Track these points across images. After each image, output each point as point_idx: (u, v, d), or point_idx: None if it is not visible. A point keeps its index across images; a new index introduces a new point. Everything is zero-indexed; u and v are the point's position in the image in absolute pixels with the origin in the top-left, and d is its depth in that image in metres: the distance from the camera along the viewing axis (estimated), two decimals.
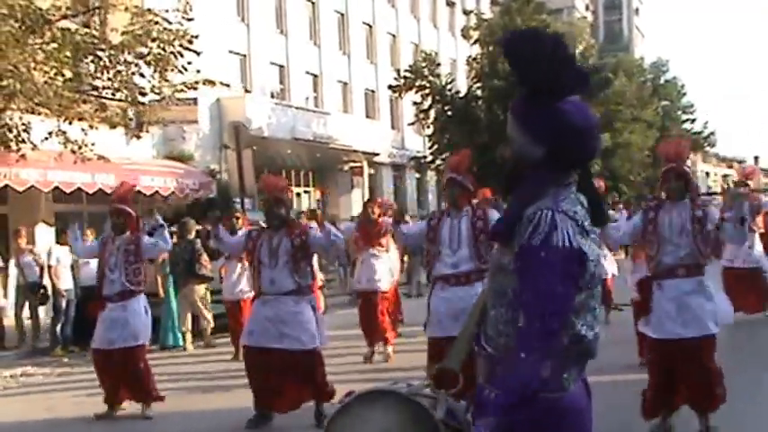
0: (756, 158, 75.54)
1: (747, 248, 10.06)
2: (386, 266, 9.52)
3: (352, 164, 28.82)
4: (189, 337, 11.52)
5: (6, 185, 14.00)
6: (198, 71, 13.18)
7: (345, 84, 30.30)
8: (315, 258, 11.03)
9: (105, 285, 7.19)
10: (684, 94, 45.60)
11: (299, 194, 27.06)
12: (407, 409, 2.22)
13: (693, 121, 45.10)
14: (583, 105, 2.27)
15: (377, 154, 29.37)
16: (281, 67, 26.81)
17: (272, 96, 26.00)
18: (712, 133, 45.80)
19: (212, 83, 13.23)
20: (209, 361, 10.24)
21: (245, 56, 24.90)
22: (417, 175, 33.36)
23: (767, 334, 9.96)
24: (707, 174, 62.90)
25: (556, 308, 2.10)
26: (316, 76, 28.55)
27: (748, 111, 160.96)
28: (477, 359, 2.34)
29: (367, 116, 31.11)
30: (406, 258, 18.75)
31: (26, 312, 12.18)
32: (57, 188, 14.71)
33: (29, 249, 12.15)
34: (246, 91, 21.69)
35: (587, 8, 52.83)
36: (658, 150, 6.12)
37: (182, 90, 13.12)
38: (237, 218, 10.60)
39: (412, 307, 11.25)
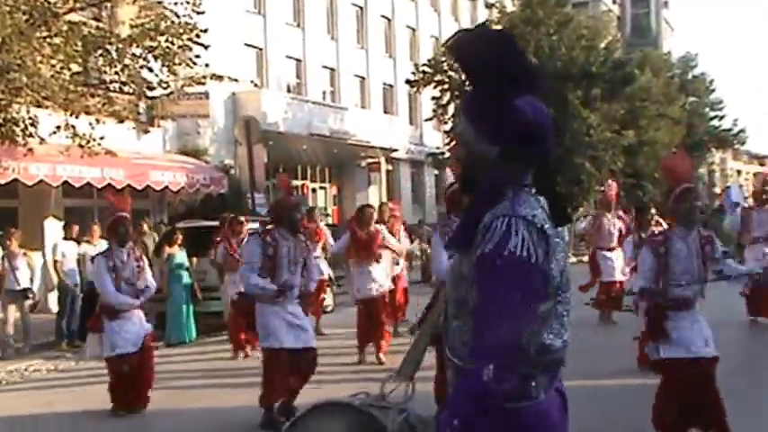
0: None
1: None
2: (382, 269, 9.31)
3: (369, 160, 28.63)
4: None
5: (16, 180, 13.98)
6: (207, 65, 13.06)
7: (363, 78, 30.10)
8: (320, 253, 10.98)
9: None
10: (713, 90, 44.91)
11: (314, 190, 26.93)
12: (360, 422, 2.20)
13: (722, 117, 44.38)
14: (537, 103, 2.18)
15: (395, 150, 29.16)
16: (298, 61, 26.66)
17: (289, 91, 25.86)
18: (742, 130, 45.01)
19: (221, 77, 13.11)
20: (210, 359, 10.08)
21: (261, 49, 24.77)
22: (436, 172, 33.07)
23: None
24: (738, 172, 61.97)
25: (509, 317, 1.99)
26: (333, 70, 28.37)
27: None
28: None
29: (385, 111, 30.89)
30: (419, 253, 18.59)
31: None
32: (66, 183, 14.67)
33: (21, 253, 11.45)
34: (255, 85, 21.49)
35: (614, 1, 52.08)
36: (666, 167, 5.54)
37: (189, 84, 13.02)
38: (241, 223, 10.60)
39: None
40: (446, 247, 2.39)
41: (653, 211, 9.67)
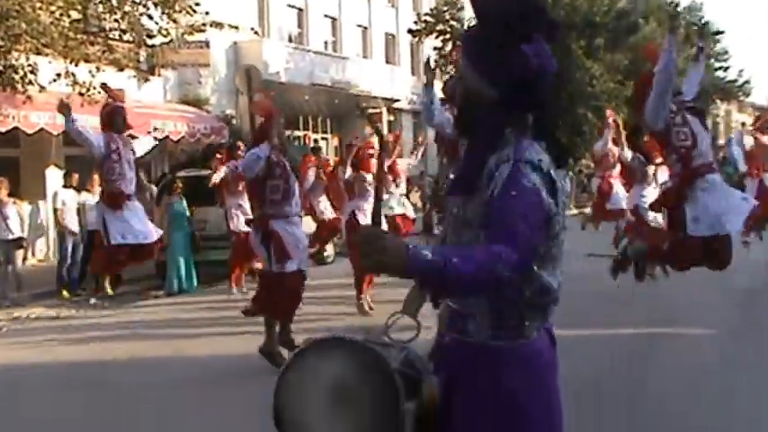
0: None
1: None
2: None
3: (371, 110, 28.41)
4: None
5: (16, 128, 13.90)
6: (207, 13, 12.87)
7: (365, 28, 29.72)
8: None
9: (126, 184, 7.61)
10: (719, 40, 44.30)
11: (316, 141, 26.79)
12: (362, 358, 2.12)
13: (727, 69, 43.93)
14: (543, 50, 2.15)
15: (397, 100, 28.93)
16: (300, 10, 26.31)
17: (290, 40, 25.57)
18: (747, 81, 44.64)
19: (221, 25, 12.93)
20: (211, 308, 10.15)
21: None
22: None
23: None
24: (742, 124, 61.59)
25: (526, 238, 1.97)
26: (334, 19, 28.00)
27: None
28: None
29: (387, 61, 30.59)
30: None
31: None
32: (66, 131, 14.55)
33: (11, 201, 11.49)
34: (255, 33, 21.21)
35: None
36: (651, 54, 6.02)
37: (190, 33, 12.84)
38: (239, 148, 10.63)
39: None
40: (448, 192, 2.34)
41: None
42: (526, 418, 2.11)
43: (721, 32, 42.59)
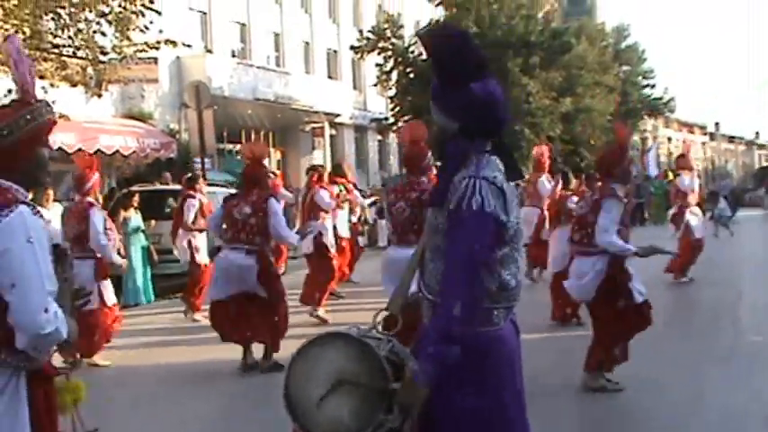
0: (717, 124, 76.96)
1: None
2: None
3: (313, 125, 28.85)
4: None
5: None
6: (160, 31, 13.12)
7: (307, 43, 30.17)
8: None
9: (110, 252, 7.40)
10: (645, 59, 46.16)
11: None
12: (356, 348, 2.58)
13: (653, 86, 45.74)
14: (487, 85, 2.66)
15: (338, 115, 29.41)
16: (243, 25, 26.60)
17: (234, 55, 25.84)
18: (672, 99, 46.48)
19: (174, 43, 13.19)
20: (168, 320, 10.38)
21: (205, 13, 24.67)
22: (379, 137, 33.50)
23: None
24: (669, 139, 63.82)
25: (471, 260, 2.52)
26: (278, 35, 28.38)
27: (708, 76, 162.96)
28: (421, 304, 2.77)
29: (329, 77, 31.06)
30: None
31: None
32: None
33: None
34: (208, 51, 21.49)
35: None
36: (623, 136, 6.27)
37: (143, 50, 13.06)
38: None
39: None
40: (426, 205, 2.88)
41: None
42: (493, 392, 2.60)
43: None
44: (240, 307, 6.92)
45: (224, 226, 7.07)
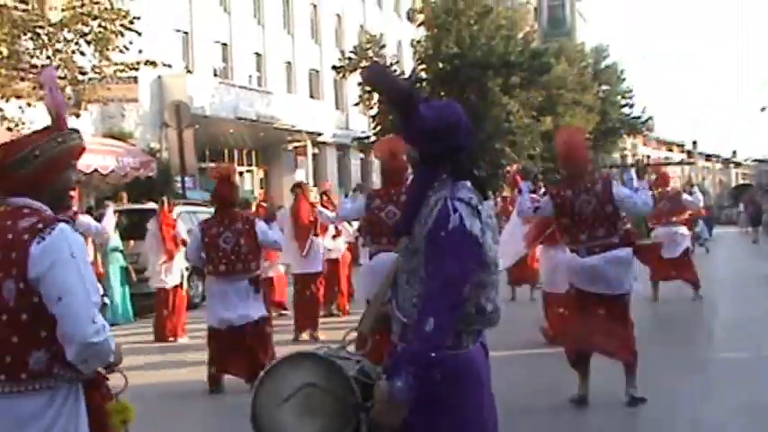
0: (695, 143, 77.86)
1: None
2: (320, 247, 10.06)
3: (295, 144, 28.88)
4: None
5: None
6: (140, 51, 13.13)
7: (289, 63, 30.28)
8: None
9: None
10: (624, 79, 46.70)
11: (241, 174, 27.03)
12: (324, 368, 2.59)
13: (632, 105, 46.24)
14: (437, 108, 2.67)
15: (320, 134, 29.48)
16: (225, 45, 26.67)
17: (216, 75, 25.87)
18: (650, 117, 47.00)
19: (154, 63, 13.21)
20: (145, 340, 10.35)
21: (187, 33, 24.70)
22: (361, 156, 33.57)
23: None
24: (648, 156, 64.55)
25: (456, 281, 2.49)
26: (260, 55, 28.47)
27: (686, 95, 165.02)
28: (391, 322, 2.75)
29: (311, 96, 31.17)
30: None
31: None
32: None
33: None
34: (189, 71, 21.50)
35: None
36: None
37: (123, 70, 13.07)
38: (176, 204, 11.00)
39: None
40: (397, 233, 2.82)
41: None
42: (461, 413, 2.60)
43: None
44: (233, 342, 6.78)
45: (205, 255, 6.84)
